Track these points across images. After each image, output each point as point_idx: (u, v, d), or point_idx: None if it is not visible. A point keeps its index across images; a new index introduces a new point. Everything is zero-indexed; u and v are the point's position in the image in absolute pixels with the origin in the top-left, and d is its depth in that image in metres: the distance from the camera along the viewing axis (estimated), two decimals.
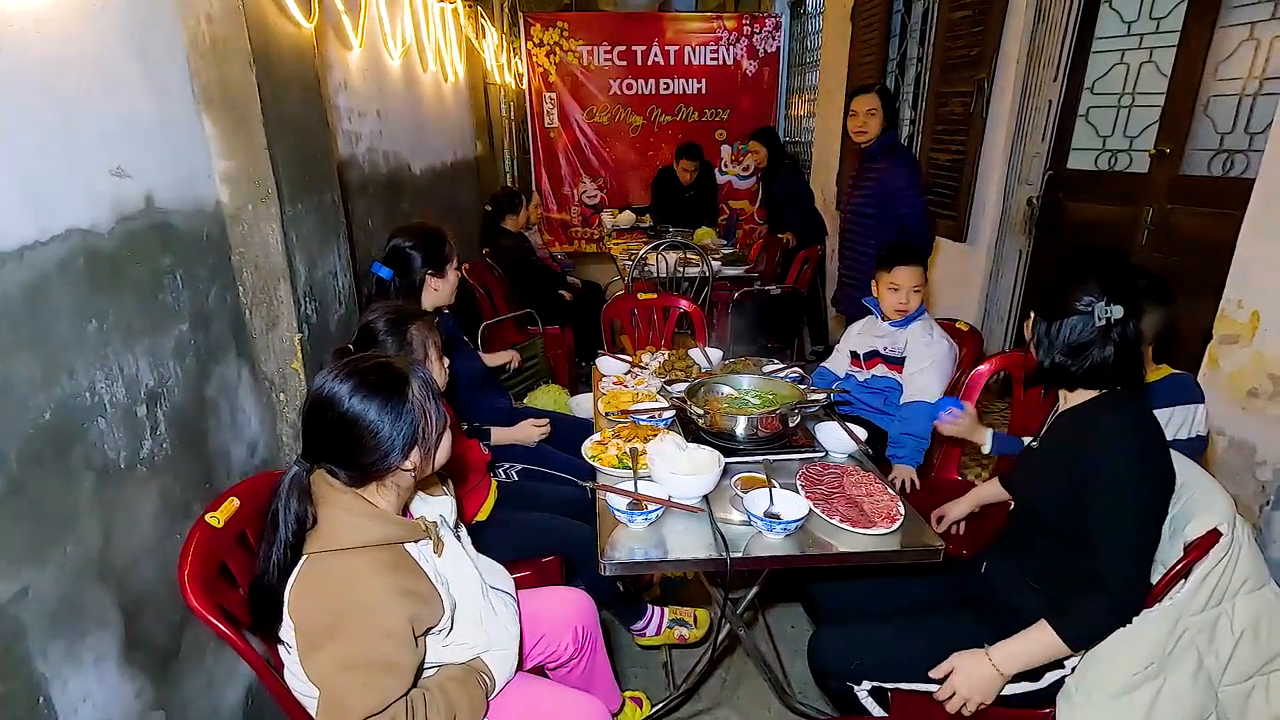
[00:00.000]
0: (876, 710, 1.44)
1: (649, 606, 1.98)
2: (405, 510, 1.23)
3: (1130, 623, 1.22)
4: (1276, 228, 2.10)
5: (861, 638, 1.47)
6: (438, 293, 2.03)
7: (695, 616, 2.03)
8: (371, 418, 1.06)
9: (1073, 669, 1.30)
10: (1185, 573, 1.22)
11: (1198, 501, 1.26)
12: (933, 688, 1.36)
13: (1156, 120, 2.76)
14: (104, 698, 1.18)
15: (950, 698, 1.30)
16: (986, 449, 1.82)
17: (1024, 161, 3.34)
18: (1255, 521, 2.13)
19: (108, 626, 1.21)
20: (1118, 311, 1.23)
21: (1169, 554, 1.25)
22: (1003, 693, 1.33)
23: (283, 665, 1.15)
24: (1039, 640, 1.26)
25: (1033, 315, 1.37)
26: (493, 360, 2.64)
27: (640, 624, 1.95)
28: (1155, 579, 1.25)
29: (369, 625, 1.03)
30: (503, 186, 4.76)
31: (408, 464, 1.11)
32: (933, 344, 2.14)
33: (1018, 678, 1.32)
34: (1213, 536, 1.21)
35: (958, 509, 1.78)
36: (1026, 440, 1.67)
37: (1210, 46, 2.53)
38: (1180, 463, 1.30)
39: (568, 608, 1.49)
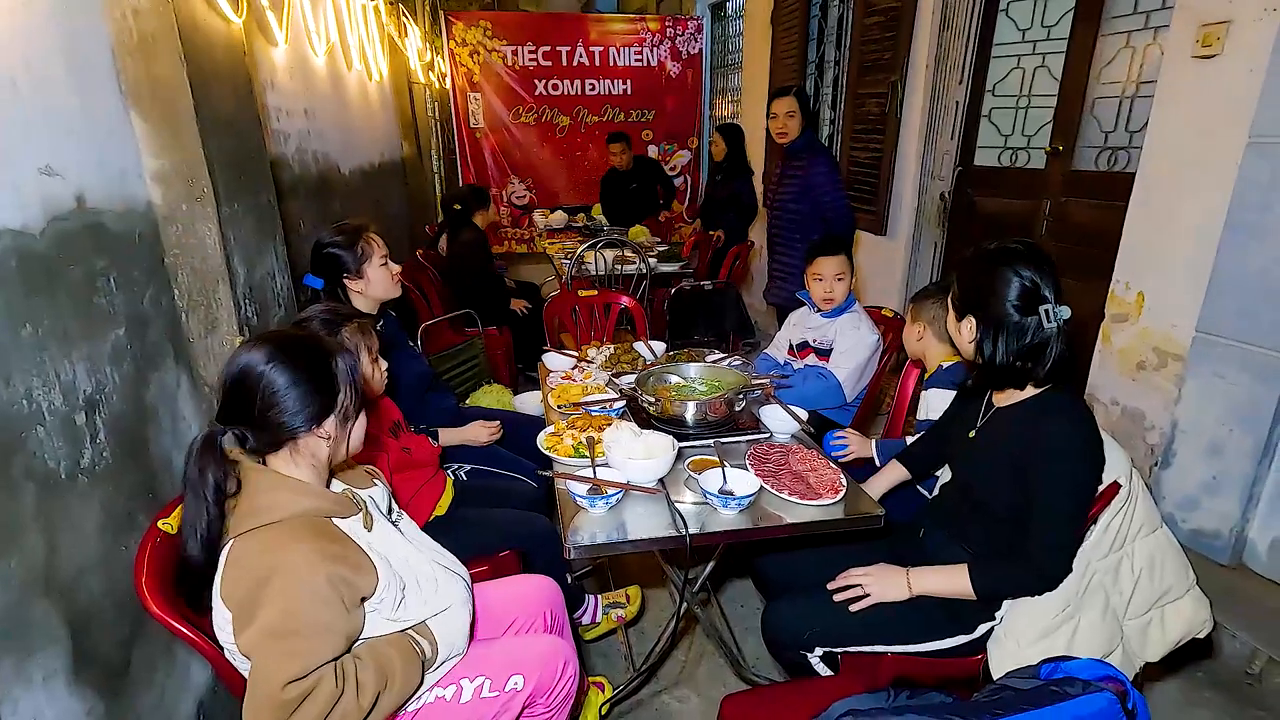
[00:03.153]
0: (826, 672, 1.54)
1: (585, 595, 2.05)
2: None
3: (1039, 594, 1.35)
4: (1155, 216, 2.34)
5: (811, 609, 1.56)
6: (363, 294, 1.93)
7: (627, 595, 2.12)
8: (286, 379, 1.06)
9: (1000, 619, 1.44)
10: (1091, 523, 1.37)
11: None
12: (879, 648, 1.47)
13: (1050, 120, 3.01)
14: (55, 716, 1.14)
15: (857, 588, 1.46)
16: (877, 461, 1.91)
17: (936, 159, 3.57)
18: (1146, 481, 2.37)
19: (56, 643, 1.16)
20: (1066, 312, 1.26)
21: None
22: (941, 645, 1.45)
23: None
24: (952, 579, 1.39)
25: (972, 321, 1.35)
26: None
27: (577, 612, 2.01)
28: None
29: (290, 590, 1.00)
30: (468, 185, 4.66)
31: (321, 431, 1.11)
32: (859, 335, 2.29)
33: (954, 630, 1.44)
34: (1113, 489, 1.36)
35: (874, 491, 1.79)
36: (910, 439, 1.85)
37: (1094, 53, 2.78)
38: None
39: (538, 593, 1.52)
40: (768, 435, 1.82)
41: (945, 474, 1.64)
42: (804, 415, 1.83)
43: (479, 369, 3.19)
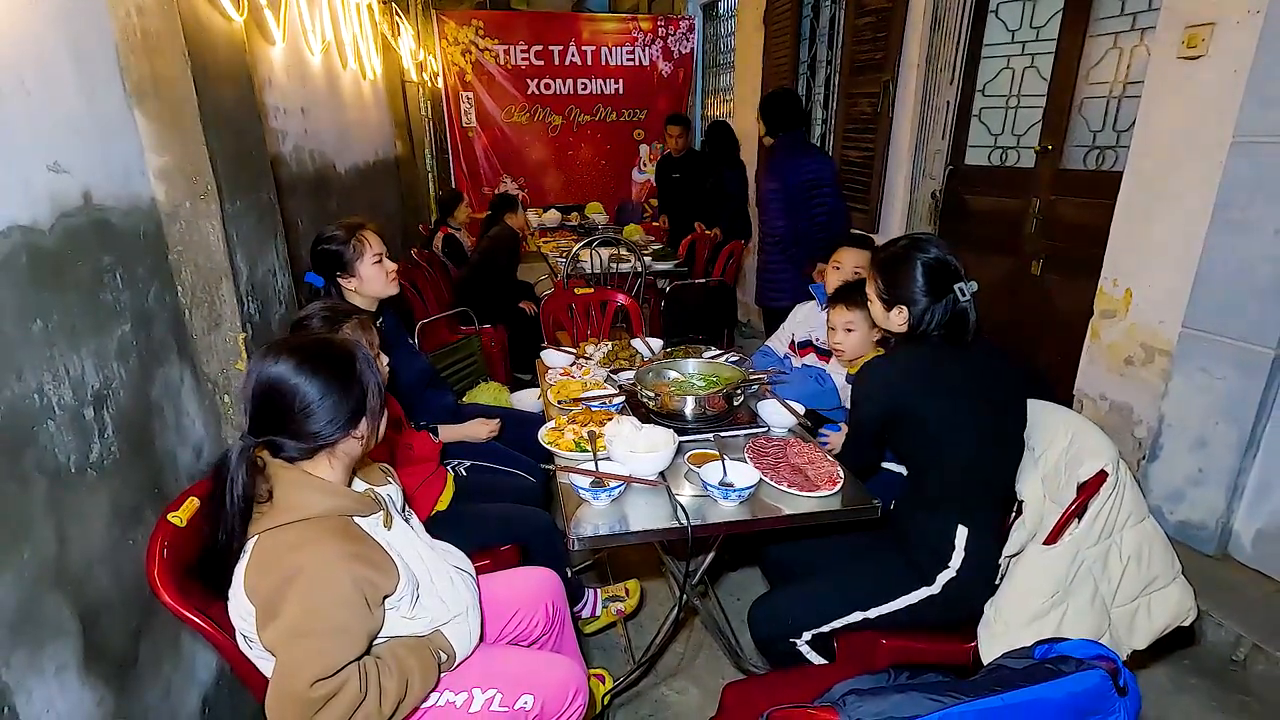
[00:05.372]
0: (818, 660, 1.57)
1: (585, 589, 2.07)
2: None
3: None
4: (1142, 214, 2.38)
5: (794, 597, 1.60)
6: (357, 292, 1.93)
7: (626, 589, 2.15)
8: (318, 389, 1.08)
9: (956, 570, 1.46)
10: (1081, 512, 1.41)
11: (1084, 447, 1.44)
12: (857, 615, 1.50)
13: (1039, 120, 3.05)
14: (67, 708, 1.15)
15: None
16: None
17: (927, 158, 3.61)
18: (1134, 474, 2.42)
19: (67, 635, 1.17)
20: (974, 286, 1.48)
21: (1064, 495, 1.43)
22: (910, 599, 1.48)
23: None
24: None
25: (903, 308, 1.51)
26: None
27: (578, 605, 2.03)
28: (1053, 519, 1.43)
29: (317, 590, 1.02)
30: (498, 194, 4.74)
31: (357, 433, 1.14)
32: None
33: (916, 583, 1.48)
34: (1101, 477, 1.40)
35: None
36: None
37: (1082, 53, 2.83)
38: (1065, 414, 1.51)
39: (540, 585, 1.54)
40: (765, 429, 1.85)
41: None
42: (800, 410, 1.86)
43: (476, 366, 3.20)
